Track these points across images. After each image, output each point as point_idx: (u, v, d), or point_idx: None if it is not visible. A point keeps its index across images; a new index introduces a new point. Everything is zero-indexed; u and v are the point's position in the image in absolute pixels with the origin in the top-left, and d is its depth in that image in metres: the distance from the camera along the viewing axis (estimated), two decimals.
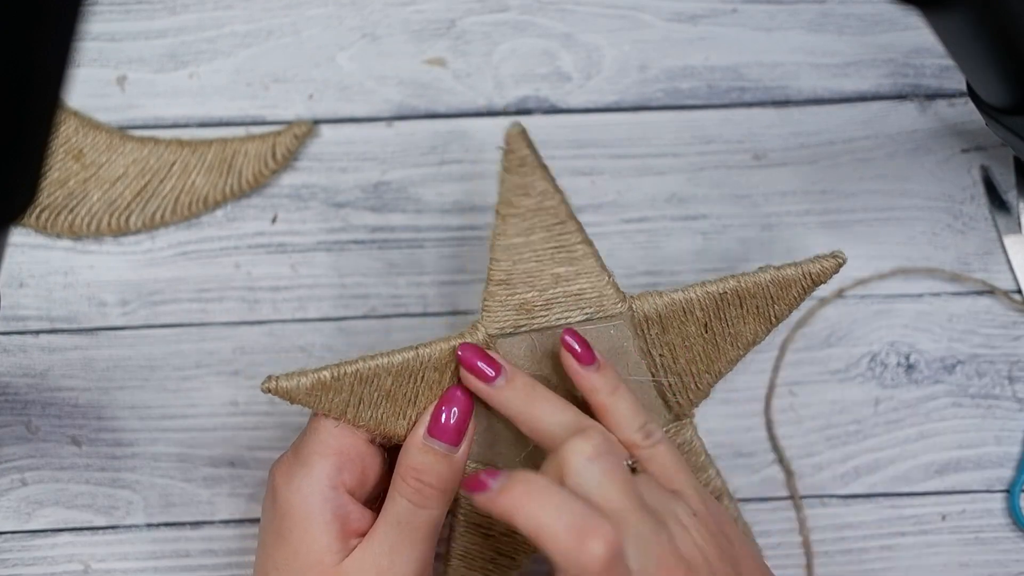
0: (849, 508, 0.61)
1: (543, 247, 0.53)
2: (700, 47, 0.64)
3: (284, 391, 0.50)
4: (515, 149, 0.53)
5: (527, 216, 0.53)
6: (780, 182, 0.63)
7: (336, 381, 0.51)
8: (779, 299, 0.54)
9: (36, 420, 0.61)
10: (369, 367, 0.51)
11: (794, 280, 0.53)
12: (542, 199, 0.53)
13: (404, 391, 0.52)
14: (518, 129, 0.53)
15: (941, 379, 0.62)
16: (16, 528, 0.60)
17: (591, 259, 0.53)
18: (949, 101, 0.64)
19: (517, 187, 0.53)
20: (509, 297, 0.53)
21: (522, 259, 0.53)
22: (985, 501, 0.61)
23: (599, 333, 0.54)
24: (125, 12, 0.63)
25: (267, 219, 0.62)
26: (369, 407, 0.52)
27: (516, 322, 0.53)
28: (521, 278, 0.53)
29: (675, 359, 0.55)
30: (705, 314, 0.54)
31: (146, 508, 0.60)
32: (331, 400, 0.51)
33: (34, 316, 0.61)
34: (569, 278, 0.53)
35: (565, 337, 0.52)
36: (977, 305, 0.62)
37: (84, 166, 0.61)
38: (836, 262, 0.53)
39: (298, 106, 0.63)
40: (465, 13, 0.64)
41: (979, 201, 0.63)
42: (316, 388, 0.50)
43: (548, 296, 0.53)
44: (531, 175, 0.53)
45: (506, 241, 0.53)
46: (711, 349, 0.55)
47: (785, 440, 0.61)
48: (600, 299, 0.53)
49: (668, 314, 0.54)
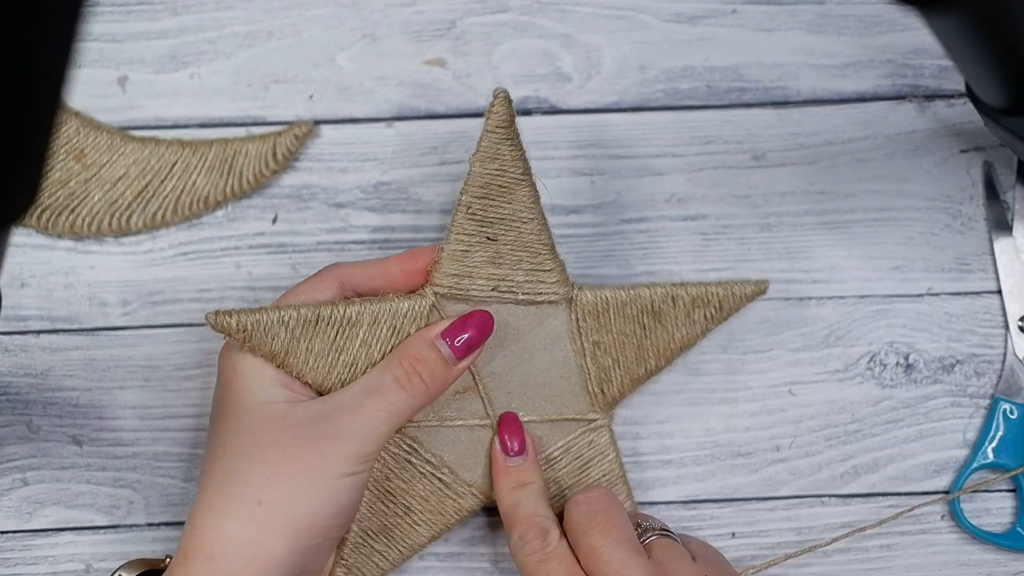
0: (848, 507, 0.61)
1: (502, 224, 0.55)
2: (700, 48, 0.64)
3: (225, 327, 0.52)
4: (498, 111, 0.54)
5: (493, 188, 0.55)
6: (779, 182, 0.63)
7: (280, 324, 0.52)
8: (714, 311, 0.58)
9: (37, 420, 0.61)
10: (313, 313, 0.53)
11: (724, 298, 0.57)
12: (509, 172, 0.55)
13: (343, 344, 0.54)
14: (505, 93, 0.54)
15: (940, 379, 0.62)
16: (17, 528, 0.60)
17: (545, 243, 0.56)
18: (948, 102, 0.64)
19: (491, 152, 0.55)
20: (462, 266, 0.55)
21: (480, 231, 0.55)
22: (1001, 500, 0.61)
23: (539, 314, 0.56)
24: (126, 13, 0.63)
25: (268, 219, 0.63)
26: (306, 355, 0.53)
27: (463, 290, 0.55)
28: (476, 251, 0.55)
29: (605, 353, 0.57)
30: (641, 314, 0.57)
31: (147, 508, 0.61)
32: (271, 342, 0.52)
33: (35, 316, 0.61)
34: (520, 257, 0.56)
35: (502, 433, 0.56)
36: (976, 305, 0.62)
37: (85, 166, 0.61)
38: (759, 288, 0.58)
39: (298, 106, 0.63)
40: (465, 14, 0.64)
41: (977, 201, 0.63)
42: (258, 328, 0.52)
43: (497, 272, 0.55)
44: (504, 143, 0.54)
45: (470, 208, 0.55)
46: (642, 349, 0.58)
47: (784, 439, 0.62)
48: (545, 283, 0.56)
49: (607, 309, 0.56)
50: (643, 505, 0.61)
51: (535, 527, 0.52)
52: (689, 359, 0.62)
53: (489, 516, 0.61)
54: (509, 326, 0.56)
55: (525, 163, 0.55)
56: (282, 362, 0.53)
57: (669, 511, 0.61)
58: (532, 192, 0.55)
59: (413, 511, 0.57)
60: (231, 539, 0.50)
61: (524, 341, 0.57)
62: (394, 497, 0.56)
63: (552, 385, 0.57)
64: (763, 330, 0.62)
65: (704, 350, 0.62)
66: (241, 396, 0.52)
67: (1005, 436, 0.61)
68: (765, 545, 0.61)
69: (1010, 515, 0.61)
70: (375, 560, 0.57)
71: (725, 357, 0.62)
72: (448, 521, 0.57)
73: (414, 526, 0.57)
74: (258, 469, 0.50)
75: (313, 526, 0.51)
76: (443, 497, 0.57)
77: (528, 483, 0.55)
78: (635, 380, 0.58)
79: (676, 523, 0.61)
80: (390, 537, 0.57)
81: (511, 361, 0.57)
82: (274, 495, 0.50)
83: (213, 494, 0.51)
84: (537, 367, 0.57)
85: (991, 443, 0.61)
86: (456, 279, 0.55)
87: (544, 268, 0.56)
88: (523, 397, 0.57)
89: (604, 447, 0.59)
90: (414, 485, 0.57)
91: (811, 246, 0.63)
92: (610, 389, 0.58)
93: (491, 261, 0.55)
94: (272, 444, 0.51)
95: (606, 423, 0.59)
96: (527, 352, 0.57)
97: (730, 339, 0.62)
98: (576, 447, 0.58)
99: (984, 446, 0.61)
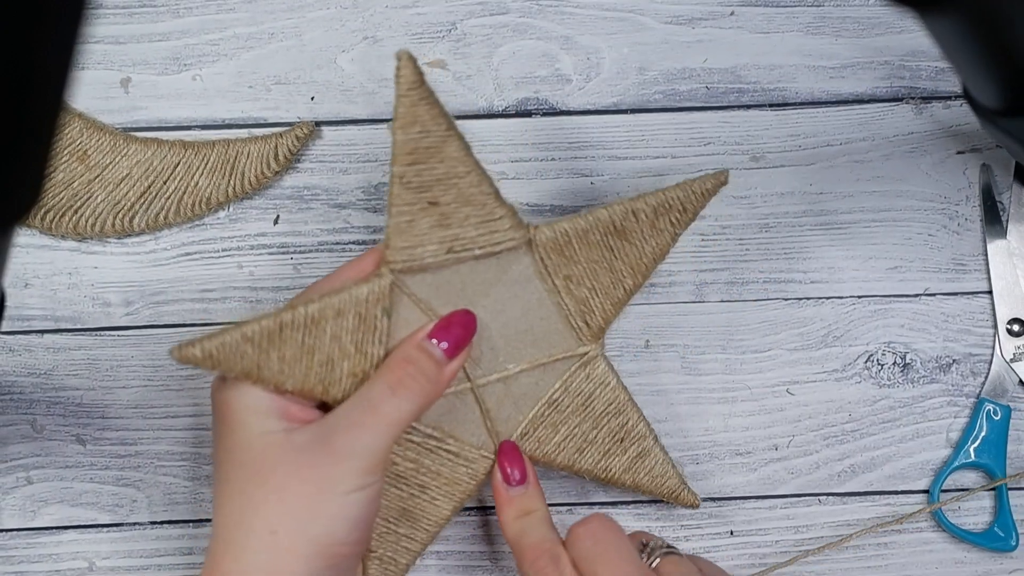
0: (846, 506, 0.62)
1: (440, 185, 0.53)
2: (698, 50, 0.64)
3: (191, 358, 0.50)
4: (405, 74, 0.52)
5: (420, 151, 0.53)
6: (777, 183, 0.63)
7: (245, 341, 0.50)
8: (678, 215, 0.56)
9: (41, 419, 0.61)
10: (275, 322, 0.51)
11: (686, 199, 0.56)
12: (433, 132, 0.53)
13: (313, 344, 0.52)
14: (407, 53, 0.52)
15: (937, 378, 0.62)
16: (21, 526, 0.61)
17: (488, 191, 0.54)
18: (945, 103, 0.64)
19: (409, 117, 0.52)
20: (410, 236, 0.53)
21: (419, 198, 0.53)
22: (980, 499, 0.62)
23: (501, 264, 0.55)
24: (129, 15, 0.64)
25: (269, 220, 0.63)
26: (279, 364, 0.51)
27: (418, 259, 0.53)
28: (421, 218, 0.53)
29: (579, 285, 0.56)
30: (605, 237, 0.56)
31: (150, 506, 0.61)
32: (241, 361, 0.51)
33: (39, 316, 0.62)
34: (467, 213, 0.54)
35: (503, 463, 0.56)
36: (972, 305, 0.63)
37: (88, 167, 0.61)
38: (719, 180, 0.57)
39: (300, 108, 0.63)
40: (465, 16, 0.64)
41: (974, 202, 0.63)
42: (223, 350, 0.50)
43: (447, 234, 0.54)
44: (420, 104, 0.52)
45: (403, 178, 0.53)
46: (615, 272, 0.56)
47: (783, 439, 0.62)
48: (499, 232, 0.54)
49: (569, 241, 0.55)
50: (643, 504, 0.61)
51: (545, 554, 0.52)
52: (688, 359, 0.62)
53: (489, 516, 0.61)
54: (475, 283, 0.55)
55: (447, 118, 0.53)
56: (257, 377, 0.51)
57: (669, 509, 0.61)
58: (461, 145, 0.53)
59: (428, 488, 0.56)
60: (250, 572, 0.49)
61: (493, 294, 0.55)
62: (406, 479, 0.56)
63: (534, 329, 0.56)
64: (761, 330, 0.62)
65: (703, 350, 0.62)
66: (237, 432, 0.51)
67: (987, 437, 0.61)
68: (763, 544, 0.61)
69: (990, 515, 0.62)
70: (404, 545, 0.57)
71: (723, 357, 0.62)
72: (466, 489, 0.57)
73: (433, 502, 0.56)
74: (268, 499, 0.49)
75: (330, 546, 0.50)
76: (455, 467, 0.56)
77: (532, 511, 0.55)
78: (616, 303, 0.57)
79: (676, 521, 0.61)
80: (412, 519, 0.56)
81: (486, 317, 0.55)
82: (287, 522, 0.49)
83: (227, 529, 0.50)
84: (513, 316, 0.56)
85: (973, 443, 0.61)
86: (408, 251, 0.53)
87: (494, 217, 0.54)
88: (508, 348, 0.56)
89: (603, 376, 0.58)
90: (423, 462, 0.56)
91: (809, 246, 0.63)
92: (594, 319, 0.57)
93: (439, 224, 0.53)
94: (277, 472, 0.50)
95: (598, 353, 0.58)
96: (499, 304, 0.56)
97: (728, 339, 0.62)
98: (575, 384, 0.57)
99: (966, 446, 0.61)
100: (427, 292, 0.54)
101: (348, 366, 0.53)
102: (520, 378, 0.57)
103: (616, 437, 0.58)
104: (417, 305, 0.54)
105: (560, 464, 0.58)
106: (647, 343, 0.62)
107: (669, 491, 0.59)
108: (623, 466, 0.58)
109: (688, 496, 0.59)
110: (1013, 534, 0.60)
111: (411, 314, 0.54)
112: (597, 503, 0.61)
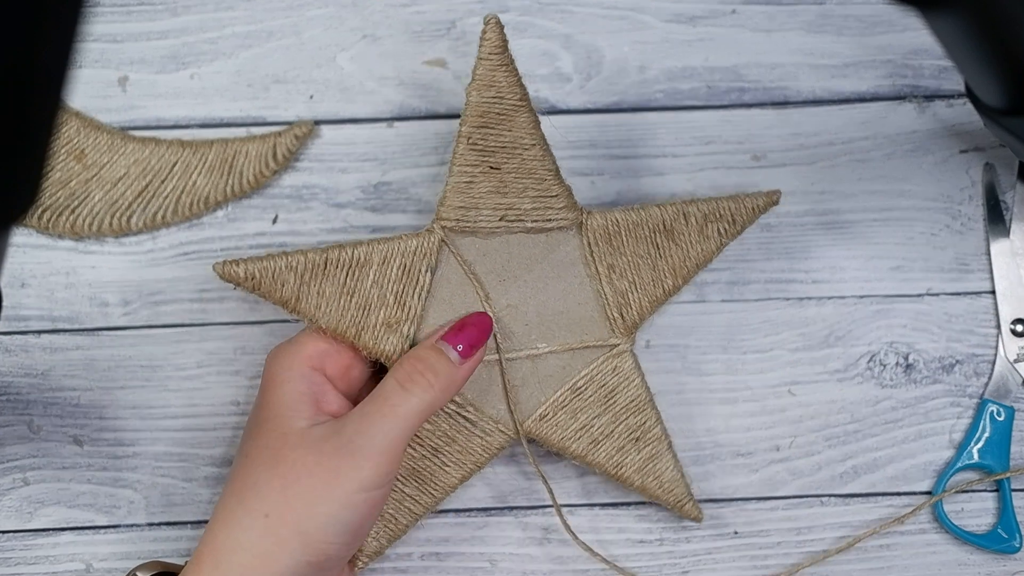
0: (848, 507, 0.61)
1: (504, 152, 0.55)
2: (699, 48, 0.64)
3: (233, 276, 0.52)
4: (490, 37, 0.54)
5: (491, 115, 0.54)
6: (779, 183, 0.63)
7: (289, 270, 0.53)
8: (727, 225, 0.58)
9: (38, 420, 0.61)
10: (321, 257, 0.53)
11: (736, 211, 0.57)
12: (507, 99, 0.54)
13: (354, 286, 0.54)
14: (495, 17, 0.54)
15: (940, 379, 0.62)
16: (18, 527, 0.60)
17: (549, 168, 0.55)
18: (947, 102, 0.64)
19: (486, 80, 0.54)
20: (467, 197, 0.55)
21: (482, 160, 0.55)
22: (983, 500, 0.62)
23: (549, 242, 0.56)
24: (127, 13, 0.63)
25: (268, 219, 0.63)
26: (317, 299, 0.53)
27: (471, 222, 0.55)
28: (480, 181, 0.55)
29: (621, 276, 0.57)
30: (653, 234, 0.57)
31: (147, 507, 0.61)
32: (281, 288, 0.53)
33: (36, 316, 0.62)
34: (525, 185, 0.55)
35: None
36: (975, 305, 0.63)
37: (86, 167, 0.61)
38: (771, 199, 0.58)
39: (299, 107, 0.63)
40: (465, 14, 0.64)
41: (977, 202, 0.63)
42: (266, 274, 0.53)
43: (503, 201, 0.55)
44: (499, 69, 0.54)
45: (470, 138, 0.55)
46: (657, 270, 0.57)
47: (784, 439, 0.62)
48: (553, 209, 0.56)
49: (619, 231, 0.56)
50: (645, 506, 0.61)
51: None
52: (689, 359, 0.62)
53: (489, 516, 0.61)
54: (521, 256, 0.56)
55: (522, 88, 0.55)
56: (294, 307, 0.53)
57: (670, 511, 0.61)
58: (532, 118, 0.55)
59: (441, 452, 0.57)
60: (239, 548, 0.51)
61: (537, 270, 0.56)
62: (421, 440, 0.56)
63: (570, 313, 0.57)
64: (763, 330, 0.62)
65: (704, 350, 0.62)
66: (271, 405, 0.53)
67: (991, 437, 0.61)
68: (765, 545, 0.61)
69: (992, 516, 0.61)
70: (407, 505, 0.57)
71: (725, 357, 0.62)
72: (477, 460, 0.57)
73: (443, 467, 0.57)
74: (272, 483, 0.51)
75: (319, 543, 0.51)
76: (470, 436, 0.57)
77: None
78: (653, 301, 0.58)
79: (677, 522, 0.61)
80: (420, 480, 0.57)
81: (526, 292, 0.56)
82: (282, 509, 0.51)
83: (230, 500, 0.52)
84: (553, 295, 0.57)
85: (977, 444, 0.61)
86: (463, 211, 0.55)
87: (551, 194, 0.55)
88: (541, 327, 0.57)
89: (629, 372, 0.58)
90: (440, 425, 0.56)
91: (811, 246, 0.63)
92: (629, 313, 0.57)
93: (496, 190, 0.55)
94: (288, 460, 0.51)
95: (628, 348, 0.58)
96: (541, 281, 0.56)
97: (730, 339, 0.62)
98: (600, 375, 0.58)
99: (969, 447, 0.61)
100: (473, 255, 0.56)
101: (384, 315, 0.54)
102: (548, 359, 0.57)
103: (632, 436, 0.58)
104: (461, 266, 0.55)
105: (574, 453, 0.58)
106: (648, 343, 0.62)
107: (675, 500, 0.58)
108: (635, 466, 0.58)
109: (692, 509, 0.59)
110: (1016, 535, 0.60)
111: (453, 274, 0.55)
112: (599, 504, 0.61)
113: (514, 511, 0.61)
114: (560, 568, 0.61)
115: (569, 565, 0.61)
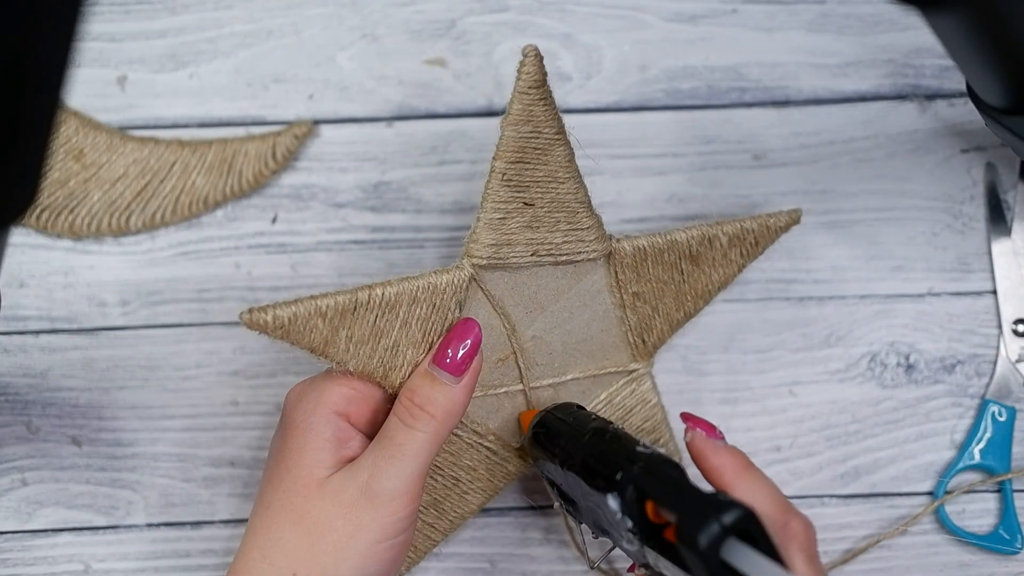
0: (849, 508, 0.61)
1: (538, 187, 0.53)
2: (700, 47, 0.64)
3: (261, 324, 0.49)
4: (529, 71, 0.52)
5: (528, 151, 0.52)
6: (780, 182, 0.63)
7: (318, 315, 0.50)
8: (750, 247, 0.57)
9: (37, 420, 0.61)
10: (350, 300, 0.51)
11: (759, 233, 0.57)
12: (544, 134, 0.53)
13: (383, 328, 0.51)
14: (535, 49, 0.51)
15: (941, 379, 0.62)
16: (16, 528, 0.60)
17: (582, 200, 0.54)
18: (949, 101, 0.64)
19: (524, 115, 0.52)
20: (499, 234, 0.53)
21: (516, 197, 0.53)
22: (984, 501, 0.61)
23: (577, 272, 0.55)
24: (125, 12, 0.63)
25: (267, 219, 0.62)
26: (346, 343, 0.51)
27: (503, 258, 0.53)
28: (514, 217, 0.53)
29: (645, 303, 0.56)
30: (679, 260, 0.56)
31: (146, 508, 0.60)
32: (310, 335, 0.50)
33: (34, 316, 0.61)
34: (557, 219, 0.54)
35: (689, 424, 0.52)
36: (977, 305, 0.62)
37: (84, 166, 0.61)
38: (792, 218, 0.58)
39: (298, 106, 0.63)
40: (465, 13, 0.64)
41: (978, 201, 0.63)
42: (295, 322, 0.50)
43: (535, 236, 0.54)
44: (538, 104, 0.52)
45: (504, 175, 0.52)
46: (680, 294, 0.57)
47: (785, 440, 0.62)
48: (584, 242, 0.54)
49: (645, 259, 0.55)
50: None
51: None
52: (690, 359, 0.62)
53: (489, 516, 0.61)
54: (548, 288, 0.55)
55: (559, 122, 0.53)
56: (323, 352, 0.51)
57: None
58: (567, 151, 0.53)
59: (461, 482, 0.56)
60: None
61: (563, 300, 0.56)
62: (441, 470, 0.56)
63: (593, 340, 0.57)
64: (764, 330, 0.62)
65: (705, 350, 0.62)
66: (293, 452, 0.52)
67: (992, 438, 0.61)
68: None
69: (994, 517, 0.61)
70: (426, 533, 0.57)
71: (726, 357, 0.62)
72: (497, 486, 0.57)
73: (463, 495, 0.57)
74: (298, 541, 0.51)
75: None
76: (491, 465, 0.56)
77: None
78: (674, 325, 0.58)
79: None
80: (440, 510, 0.56)
81: (551, 322, 0.56)
82: (310, 568, 0.50)
83: (253, 553, 0.51)
84: (578, 325, 0.56)
85: (978, 444, 0.61)
86: (495, 248, 0.53)
87: (582, 227, 0.54)
88: (565, 355, 0.56)
89: (646, 394, 0.58)
90: (461, 457, 0.56)
91: (812, 246, 0.63)
92: (650, 337, 0.57)
93: (528, 226, 0.53)
94: (312, 516, 0.51)
95: (647, 371, 0.58)
96: (567, 311, 0.56)
97: (731, 339, 0.62)
98: (619, 398, 0.58)
99: (971, 447, 0.61)
100: (502, 290, 0.54)
101: (412, 354, 0.52)
102: (569, 385, 0.57)
103: None
104: (489, 301, 0.54)
105: None
106: None
107: None
108: None
109: None
110: (1018, 536, 0.60)
111: (481, 308, 0.54)
112: None
113: (514, 511, 0.61)
114: (560, 568, 0.61)
115: (569, 565, 0.61)
